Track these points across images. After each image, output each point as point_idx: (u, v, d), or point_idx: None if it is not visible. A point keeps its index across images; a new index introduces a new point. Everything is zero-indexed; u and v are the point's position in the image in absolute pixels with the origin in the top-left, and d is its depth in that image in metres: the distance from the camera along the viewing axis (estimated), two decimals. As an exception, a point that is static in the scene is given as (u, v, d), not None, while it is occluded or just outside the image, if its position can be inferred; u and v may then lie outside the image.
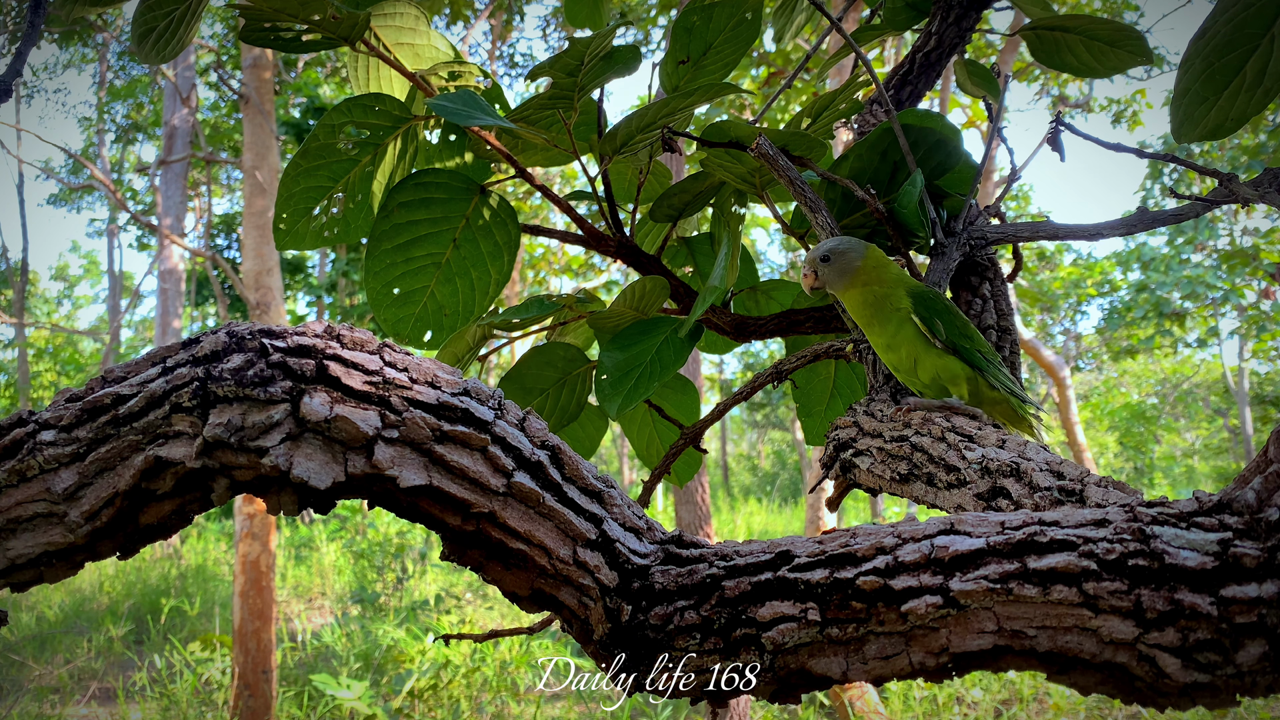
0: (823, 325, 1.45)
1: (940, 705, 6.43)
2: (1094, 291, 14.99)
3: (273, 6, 1.12)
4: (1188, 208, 1.13)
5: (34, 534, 0.68)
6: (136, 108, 15.32)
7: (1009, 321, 1.30)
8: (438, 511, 0.73)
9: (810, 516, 6.99)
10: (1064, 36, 1.46)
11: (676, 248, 1.60)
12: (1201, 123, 0.99)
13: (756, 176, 1.34)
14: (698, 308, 1.26)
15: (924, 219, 1.22)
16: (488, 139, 1.28)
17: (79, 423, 0.69)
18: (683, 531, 0.80)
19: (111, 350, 14.76)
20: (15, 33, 8.86)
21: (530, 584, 0.76)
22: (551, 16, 12.63)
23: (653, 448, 1.60)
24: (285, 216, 1.31)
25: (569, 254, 12.29)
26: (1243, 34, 0.92)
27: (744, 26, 1.29)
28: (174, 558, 12.10)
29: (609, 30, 1.14)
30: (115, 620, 8.78)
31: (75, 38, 10.75)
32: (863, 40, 1.64)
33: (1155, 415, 17.28)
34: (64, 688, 7.16)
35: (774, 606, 0.70)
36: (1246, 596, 0.59)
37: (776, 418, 23.30)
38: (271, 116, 6.75)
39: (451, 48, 1.41)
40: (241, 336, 0.71)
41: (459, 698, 6.45)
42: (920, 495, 1.04)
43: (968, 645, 0.66)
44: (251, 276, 6.17)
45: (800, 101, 7.83)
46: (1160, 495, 0.83)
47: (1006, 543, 0.66)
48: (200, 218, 16.97)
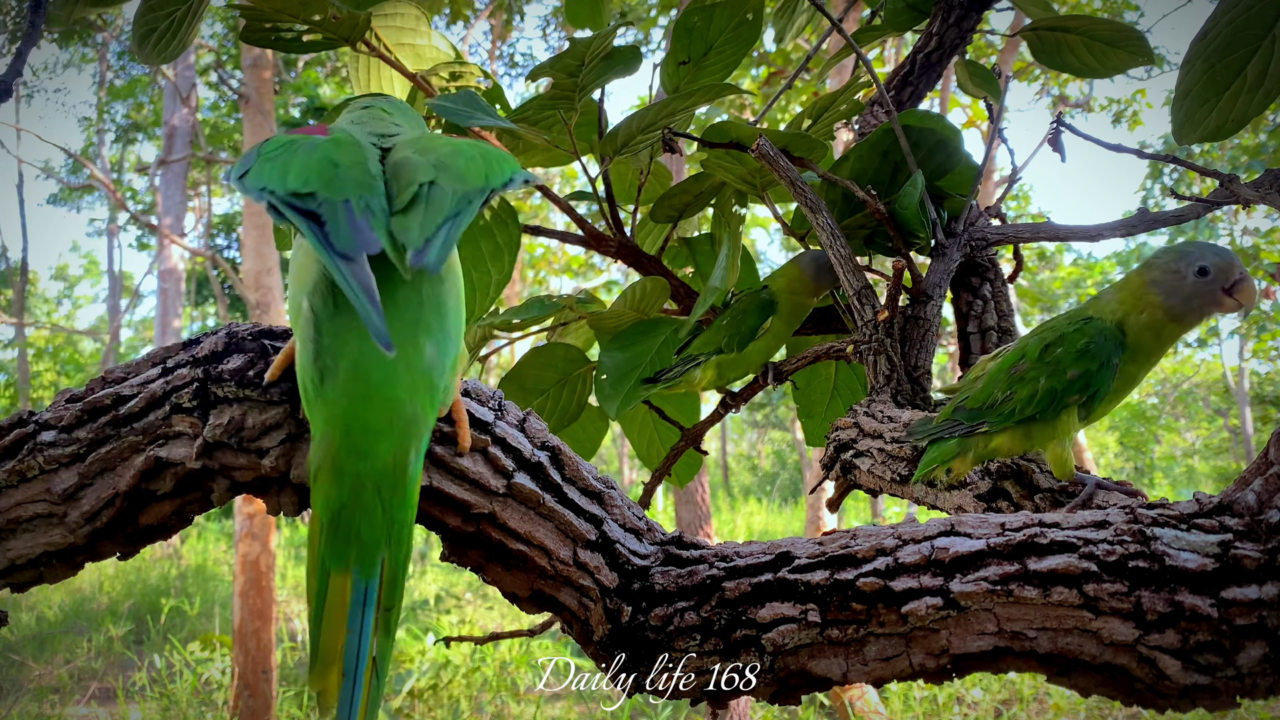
0: (823, 326, 1.45)
1: (940, 705, 6.42)
2: (1094, 291, 15.01)
3: (273, 7, 1.12)
4: (1189, 209, 1.13)
5: (34, 534, 0.68)
6: (136, 107, 15.32)
7: (1009, 322, 1.30)
8: (438, 512, 0.72)
9: (810, 517, 6.99)
10: (1065, 37, 1.46)
11: (677, 248, 1.60)
12: (1203, 124, 0.99)
13: (757, 177, 1.34)
14: (698, 308, 1.26)
15: (925, 220, 1.22)
16: (488, 139, 1.28)
17: (79, 423, 0.69)
18: (683, 532, 0.80)
19: (111, 350, 14.76)
20: (15, 33, 8.86)
21: (530, 585, 0.76)
22: (551, 16, 12.63)
23: (653, 448, 1.60)
24: (285, 217, 1.31)
25: (569, 254, 12.29)
26: (1244, 35, 0.92)
27: (745, 27, 1.29)
28: (174, 558, 12.10)
29: (609, 31, 1.14)
30: (115, 620, 8.78)
31: (75, 38, 10.75)
32: (863, 41, 1.63)
33: (1155, 415, 17.27)
34: (64, 688, 7.16)
35: (774, 608, 0.70)
36: (1247, 598, 0.59)
37: (776, 418, 23.31)
38: (271, 116, 6.75)
39: (452, 48, 1.40)
40: (241, 337, 0.71)
41: (459, 698, 6.45)
42: (920, 496, 1.04)
43: (968, 647, 0.66)
44: (251, 276, 6.17)
45: (801, 102, 7.83)
46: (1161, 496, 0.83)
47: (1007, 544, 0.66)
48: (200, 218, 16.97)
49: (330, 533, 0.53)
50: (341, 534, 0.53)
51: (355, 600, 0.53)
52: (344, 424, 0.54)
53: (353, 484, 0.54)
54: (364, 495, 0.54)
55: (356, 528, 0.53)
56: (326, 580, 0.53)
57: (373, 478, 0.54)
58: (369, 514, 0.54)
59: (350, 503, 0.53)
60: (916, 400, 1.20)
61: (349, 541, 0.53)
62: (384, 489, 0.54)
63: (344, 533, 0.53)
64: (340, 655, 0.53)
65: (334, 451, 0.54)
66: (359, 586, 0.53)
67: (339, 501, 0.53)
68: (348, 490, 0.53)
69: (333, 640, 0.53)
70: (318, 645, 0.53)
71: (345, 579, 0.53)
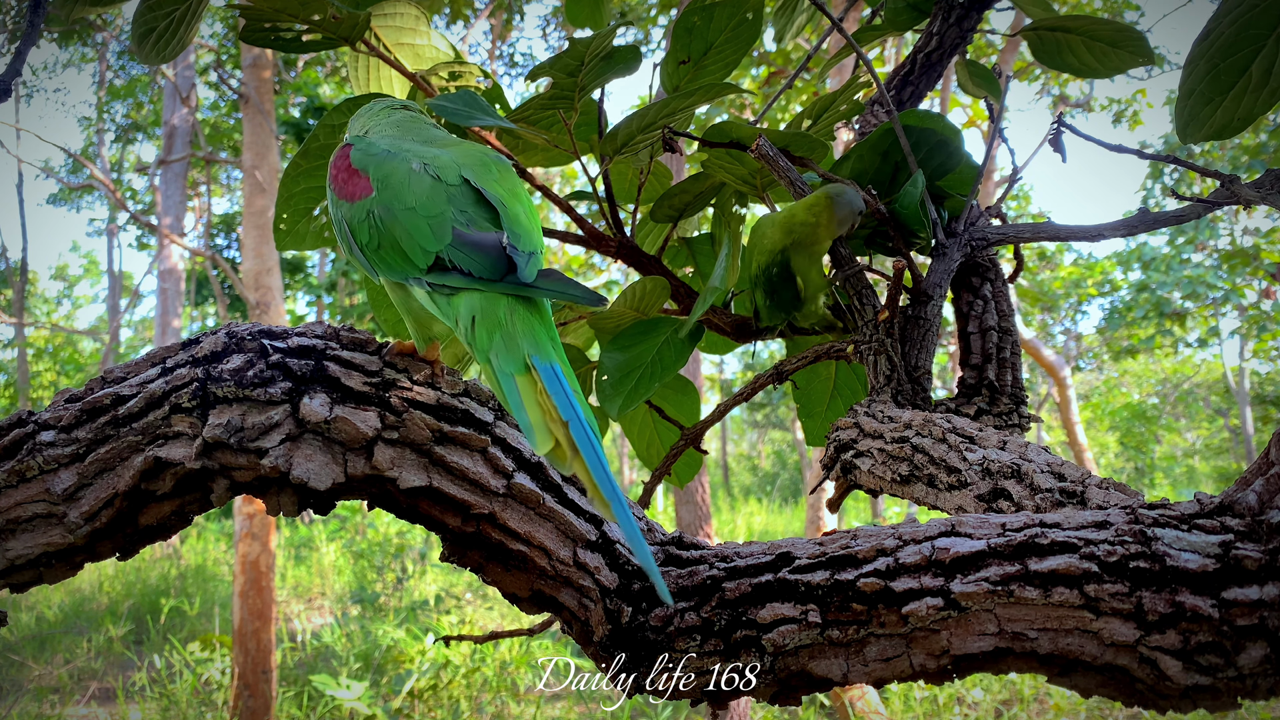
0: (823, 326, 1.45)
1: (941, 706, 6.43)
2: (1094, 291, 14.99)
3: (273, 6, 1.12)
4: (1189, 209, 1.13)
5: (33, 535, 0.68)
6: (136, 107, 15.33)
7: (1010, 322, 1.30)
8: (438, 513, 0.72)
9: (811, 517, 7.00)
10: (1065, 37, 1.46)
11: (677, 248, 1.59)
12: (1207, 123, 0.99)
13: (757, 178, 1.34)
14: (698, 308, 1.26)
15: (925, 220, 1.22)
16: (488, 139, 1.28)
17: (79, 423, 0.69)
18: (683, 532, 0.80)
19: (111, 350, 14.76)
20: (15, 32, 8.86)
21: (530, 585, 0.76)
22: (551, 16, 12.63)
23: (653, 448, 1.60)
24: (285, 216, 1.31)
25: (569, 254, 12.29)
26: (1247, 34, 0.92)
27: (745, 26, 1.28)
28: (174, 558, 12.10)
29: (609, 30, 1.14)
30: (115, 620, 8.78)
31: (75, 37, 10.76)
32: (864, 40, 1.63)
33: (1156, 415, 17.28)
34: (64, 688, 7.16)
35: (775, 608, 0.70)
36: (1248, 599, 0.58)
37: (777, 418, 23.32)
38: (271, 116, 6.75)
39: (452, 48, 1.40)
40: (241, 337, 0.71)
41: (459, 698, 6.45)
42: (921, 497, 1.03)
43: (969, 647, 0.65)
44: (251, 276, 6.17)
45: (801, 101, 7.83)
46: (1161, 496, 0.83)
47: (1007, 545, 0.66)
48: (200, 217, 16.97)
49: (504, 352, 0.67)
50: (510, 345, 0.67)
51: (547, 378, 0.66)
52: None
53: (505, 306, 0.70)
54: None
55: (514, 334, 0.68)
56: (515, 387, 0.66)
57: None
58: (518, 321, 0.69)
59: (505, 322, 0.68)
60: (917, 400, 1.20)
61: (516, 345, 0.67)
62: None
63: (511, 344, 0.67)
64: (561, 424, 0.64)
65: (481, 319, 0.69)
66: (545, 369, 0.66)
67: (497, 334, 0.68)
68: (501, 323, 0.68)
69: (538, 417, 0.64)
70: (530, 434, 0.64)
71: (524, 374, 0.66)
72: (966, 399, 1.23)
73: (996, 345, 1.27)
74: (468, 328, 0.69)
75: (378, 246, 0.73)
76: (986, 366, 1.25)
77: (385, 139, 0.83)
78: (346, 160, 0.79)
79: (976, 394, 1.24)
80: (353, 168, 0.77)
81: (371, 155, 0.77)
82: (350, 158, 0.79)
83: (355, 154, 0.79)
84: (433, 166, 0.76)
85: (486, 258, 0.69)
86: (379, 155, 0.77)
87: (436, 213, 0.72)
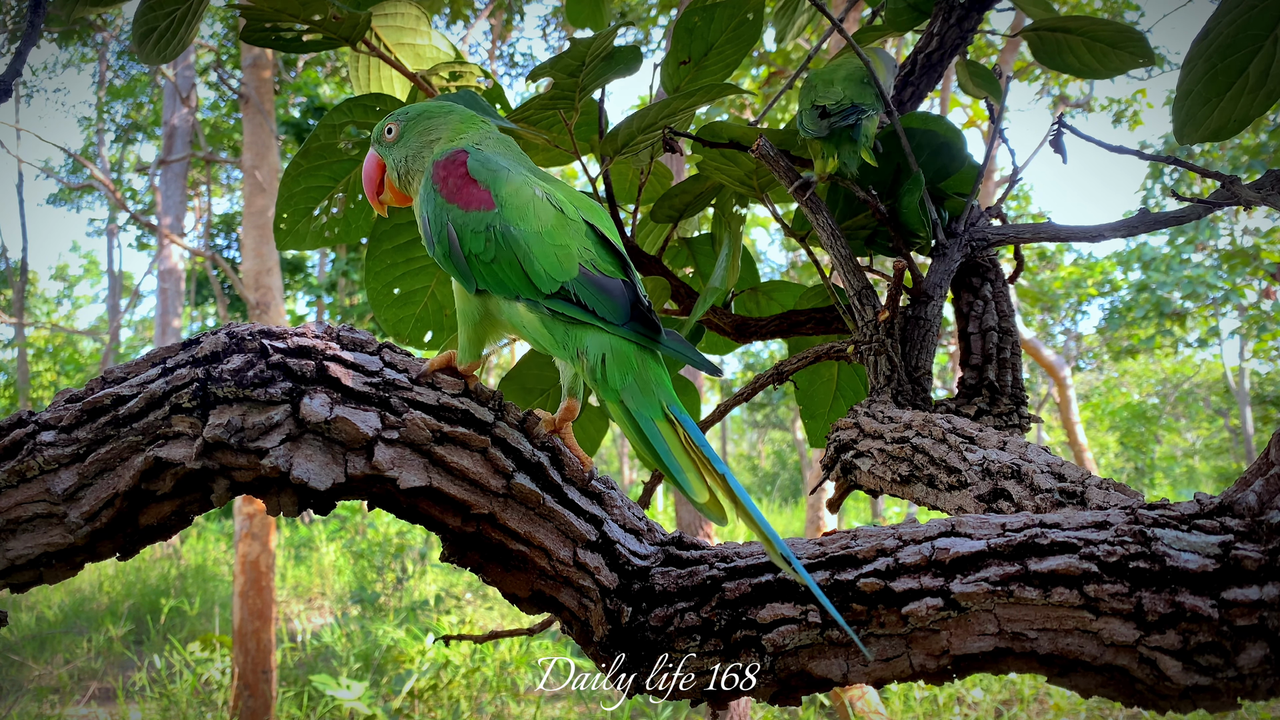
0: (824, 326, 1.45)
1: (941, 706, 6.43)
2: (1094, 291, 14.99)
3: (273, 6, 1.12)
4: (1189, 209, 1.13)
5: (34, 535, 0.68)
6: (136, 107, 15.33)
7: (1010, 322, 1.30)
8: (438, 513, 0.72)
9: (811, 517, 7.00)
10: (1066, 38, 1.46)
11: (677, 248, 1.59)
12: (1204, 124, 0.99)
13: (754, 178, 1.34)
14: (698, 308, 1.26)
15: (925, 220, 1.22)
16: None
17: (79, 423, 0.69)
18: (683, 533, 0.80)
19: (111, 350, 14.76)
20: (15, 32, 8.86)
21: (530, 585, 0.76)
22: (551, 16, 12.64)
23: (653, 448, 1.59)
24: (286, 216, 1.31)
25: (569, 254, 12.26)
26: (1245, 35, 0.92)
27: (745, 27, 1.28)
28: (174, 558, 12.10)
29: (610, 31, 1.14)
30: (115, 620, 8.78)
31: (75, 37, 10.76)
32: (864, 41, 1.63)
33: (1156, 415, 17.29)
34: (64, 688, 7.16)
35: (774, 608, 0.70)
36: (1248, 599, 0.58)
37: (777, 418, 23.32)
38: (271, 116, 6.75)
39: (452, 48, 1.40)
40: (241, 337, 0.71)
41: (459, 698, 6.45)
42: (921, 497, 1.03)
43: (968, 647, 0.65)
44: (251, 276, 6.17)
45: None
46: (1161, 496, 0.83)
47: (1007, 545, 0.66)
48: (200, 217, 16.98)
49: (639, 395, 0.72)
50: (645, 391, 0.72)
51: (693, 431, 0.71)
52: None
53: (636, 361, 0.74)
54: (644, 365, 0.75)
55: (648, 381, 0.73)
56: (658, 431, 0.71)
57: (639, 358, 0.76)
58: (649, 370, 0.74)
59: (638, 368, 0.73)
60: (917, 400, 1.20)
61: (651, 392, 0.72)
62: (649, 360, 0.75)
63: (646, 390, 0.72)
64: (704, 464, 0.70)
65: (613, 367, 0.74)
66: (688, 422, 0.72)
67: (629, 377, 0.73)
68: (634, 367, 0.74)
69: (689, 464, 0.70)
70: (685, 482, 0.70)
71: (665, 421, 0.72)
72: (967, 399, 1.24)
73: (996, 345, 1.27)
74: (596, 364, 0.72)
75: (492, 259, 0.74)
76: (987, 367, 1.25)
77: (498, 155, 0.82)
78: (463, 168, 0.78)
79: (977, 394, 1.24)
80: (470, 176, 0.77)
81: (490, 169, 0.78)
82: (468, 165, 0.78)
83: (473, 163, 0.78)
84: (554, 198, 0.77)
85: (612, 301, 0.73)
86: (499, 171, 0.78)
87: (563, 244, 0.74)
